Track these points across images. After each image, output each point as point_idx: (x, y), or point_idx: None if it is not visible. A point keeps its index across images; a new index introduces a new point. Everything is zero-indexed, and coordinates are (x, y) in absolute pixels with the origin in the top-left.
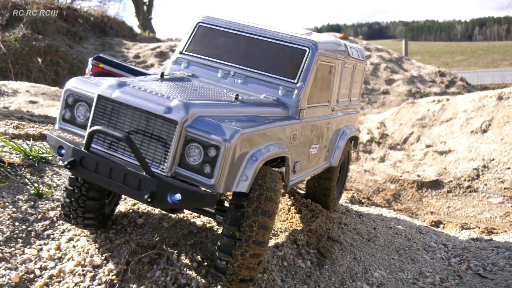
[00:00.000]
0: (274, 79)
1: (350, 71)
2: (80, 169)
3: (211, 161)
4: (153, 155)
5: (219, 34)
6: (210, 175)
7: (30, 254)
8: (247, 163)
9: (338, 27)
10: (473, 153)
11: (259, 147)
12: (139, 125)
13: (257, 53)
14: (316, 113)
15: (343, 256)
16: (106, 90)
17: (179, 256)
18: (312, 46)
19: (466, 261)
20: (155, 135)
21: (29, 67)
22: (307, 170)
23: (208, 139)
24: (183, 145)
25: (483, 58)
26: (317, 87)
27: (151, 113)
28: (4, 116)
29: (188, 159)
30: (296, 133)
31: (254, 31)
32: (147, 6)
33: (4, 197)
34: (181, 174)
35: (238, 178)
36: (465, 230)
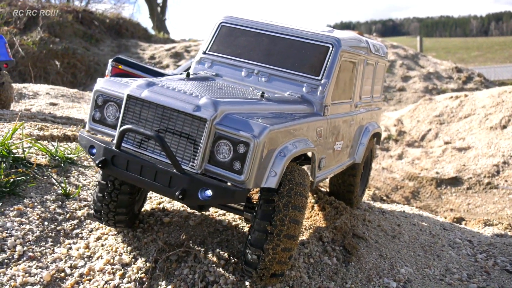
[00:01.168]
0: (298, 76)
1: (372, 68)
2: (111, 168)
3: (240, 158)
4: (182, 153)
5: (242, 33)
6: (240, 171)
7: (60, 253)
8: (276, 159)
9: (351, 25)
10: (493, 149)
11: (286, 143)
12: (169, 123)
13: (280, 51)
14: (339, 110)
15: (368, 253)
16: (135, 90)
17: (206, 254)
18: (336, 42)
19: (492, 257)
20: (184, 133)
21: (47, 70)
22: (332, 167)
23: (238, 135)
24: (213, 142)
25: (500, 53)
26: (340, 83)
27: (181, 112)
28: (28, 118)
29: (218, 156)
30: (321, 129)
31: (276, 29)
32: (161, 8)
33: (33, 197)
34: (211, 171)
35: (267, 174)
36: (488, 226)
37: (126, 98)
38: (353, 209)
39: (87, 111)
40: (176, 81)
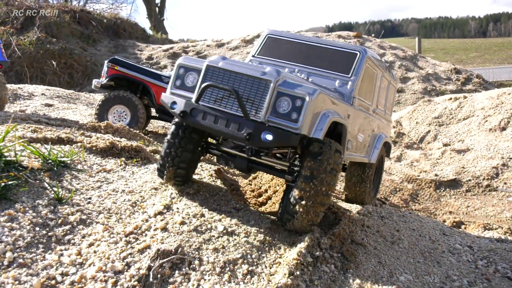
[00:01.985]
0: (332, 74)
1: (386, 85)
2: (190, 118)
3: (297, 109)
4: (250, 107)
5: (284, 42)
6: (296, 120)
7: (51, 260)
8: (322, 117)
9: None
10: (492, 151)
11: (329, 109)
12: (240, 86)
13: (316, 56)
14: (363, 106)
15: (367, 260)
16: (213, 61)
17: (201, 261)
18: (363, 51)
19: (493, 264)
20: (252, 92)
21: (43, 70)
22: (355, 153)
23: (296, 93)
24: (275, 98)
25: (498, 54)
26: (364, 85)
27: (250, 76)
28: (22, 119)
29: (279, 109)
30: (349, 114)
31: (313, 40)
32: (159, 8)
33: (24, 202)
34: (272, 121)
35: (315, 127)
36: (488, 230)
37: (206, 67)
38: (352, 215)
39: (82, 112)
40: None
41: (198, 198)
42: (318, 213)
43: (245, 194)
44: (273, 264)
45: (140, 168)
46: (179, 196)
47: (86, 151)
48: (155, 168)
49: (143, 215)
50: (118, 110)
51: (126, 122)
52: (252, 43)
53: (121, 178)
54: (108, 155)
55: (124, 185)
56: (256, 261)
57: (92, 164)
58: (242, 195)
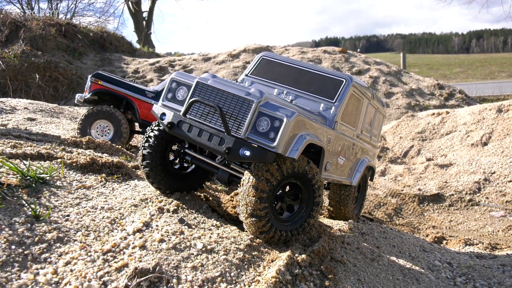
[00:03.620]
0: (317, 98)
1: (373, 112)
2: (176, 129)
3: (275, 130)
4: (232, 124)
5: (277, 65)
6: (273, 139)
7: (27, 279)
8: (299, 139)
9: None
10: (474, 166)
11: (307, 132)
12: (225, 103)
13: (305, 80)
14: (346, 131)
15: (346, 277)
16: (203, 78)
17: (179, 280)
18: (348, 78)
19: (472, 281)
20: (236, 110)
21: (28, 83)
22: (334, 175)
23: (275, 114)
24: (256, 118)
25: (481, 70)
26: (348, 111)
27: (235, 95)
28: (2, 134)
29: (259, 128)
30: (330, 138)
31: (303, 65)
32: (146, 21)
33: (1, 219)
34: (252, 138)
35: (291, 147)
36: (469, 246)
37: (196, 83)
38: (333, 231)
39: (65, 126)
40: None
41: (178, 215)
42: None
43: (226, 211)
44: (252, 282)
45: (121, 185)
46: (158, 213)
47: (66, 167)
48: (135, 184)
49: (121, 232)
50: (101, 125)
51: (109, 137)
52: (238, 58)
53: (100, 195)
54: (89, 171)
55: (104, 202)
56: (235, 279)
57: (71, 180)
58: (223, 212)
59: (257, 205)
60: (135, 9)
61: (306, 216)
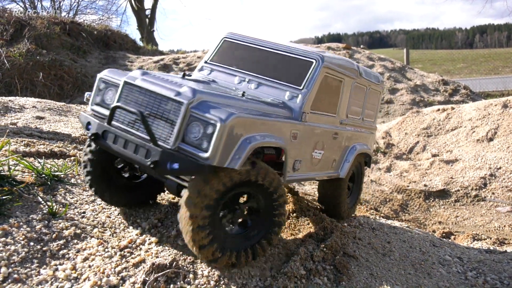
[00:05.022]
0: (282, 85)
1: (362, 91)
2: (101, 141)
3: (208, 137)
4: (161, 132)
5: (240, 47)
6: (206, 149)
7: (46, 275)
8: (241, 144)
9: (339, 37)
10: (480, 161)
11: (255, 134)
12: (153, 107)
13: (270, 64)
14: (320, 120)
15: (359, 272)
16: (131, 77)
17: (195, 275)
18: (319, 58)
19: (482, 275)
20: (165, 115)
21: (33, 82)
22: (310, 172)
23: (207, 118)
24: (187, 124)
25: (485, 65)
26: (323, 96)
27: (164, 96)
28: (14, 133)
29: (190, 135)
30: (297, 132)
31: (269, 45)
32: (149, 19)
33: (18, 217)
34: (183, 148)
35: (232, 156)
36: (477, 241)
37: (123, 83)
38: (344, 227)
39: (74, 124)
40: (169, 75)
41: None
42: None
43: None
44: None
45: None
46: (172, 210)
47: (79, 164)
48: None
49: (137, 229)
50: None
51: None
52: None
53: None
54: None
55: None
56: (251, 275)
57: None
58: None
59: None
60: (138, 7)
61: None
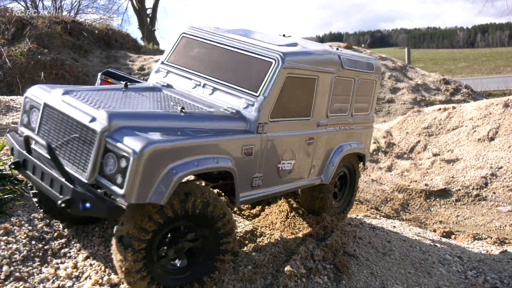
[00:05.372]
0: (238, 91)
1: (348, 84)
2: (22, 170)
3: (122, 171)
4: (79, 163)
5: (198, 45)
6: (121, 185)
7: (48, 273)
8: (165, 176)
9: (340, 36)
10: (481, 161)
11: (186, 160)
12: (70, 133)
13: (228, 65)
14: (287, 127)
15: (359, 271)
16: (51, 97)
17: None
18: (279, 58)
19: (482, 274)
20: (81, 143)
21: (35, 81)
22: (278, 186)
23: (120, 149)
24: (102, 154)
25: (486, 64)
26: (289, 100)
27: (79, 122)
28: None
29: (106, 168)
30: (252, 147)
31: (227, 42)
32: (150, 18)
33: (20, 216)
34: (100, 182)
35: (153, 190)
36: (477, 240)
37: (43, 105)
38: (344, 226)
39: None
40: (97, 91)
41: None
42: None
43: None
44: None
45: None
46: None
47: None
48: None
49: None
50: None
51: None
52: None
53: None
54: None
55: None
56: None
57: None
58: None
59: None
60: (139, 6)
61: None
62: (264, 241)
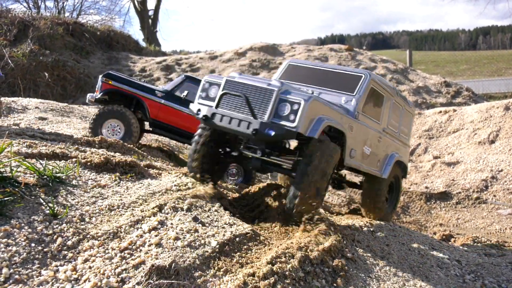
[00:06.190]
0: (338, 93)
1: (398, 109)
2: (210, 121)
3: (295, 112)
4: (257, 112)
5: (302, 69)
6: (293, 120)
7: (47, 276)
8: (317, 120)
9: (342, 38)
10: (481, 164)
11: (325, 115)
12: (250, 95)
13: (328, 79)
14: (369, 122)
15: (357, 275)
16: (231, 76)
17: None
18: (367, 74)
19: (480, 278)
20: (259, 99)
21: (36, 82)
22: (361, 164)
23: (294, 99)
24: (277, 104)
25: (488, 67)
26: (369, 104)
27: (259, 87)
28: (17, 134)
29: (280, 112)
30: (352, 126)
31: (326, 66)
32: (152, 20)
33: (20, 218)
34: (275, 122)
35: (311, 128)
36: (477, 244)
37: (225, 80)
38: (343, 229)
39: (76, 125)
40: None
41: (191, 213)
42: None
43: (238, 209)
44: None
45: (134, 184)
46: (173, 212)
47: (81, 166)
48: (149, 183)
49: (137, 230)
50: (112, 124)
51: (120, 136)
52: (244, 56)
53: (115, 194)
54: (103, 170)
55: (119, 200)
56: None
57: (87, 179)
58: (234, 210)
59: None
60: (141, 8)
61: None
62: (262, 244)
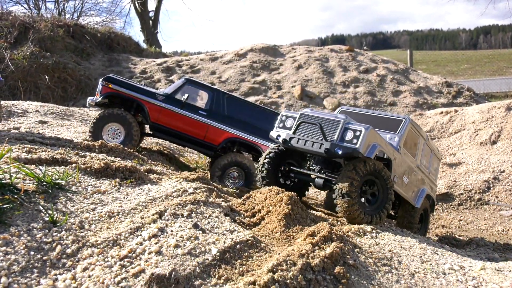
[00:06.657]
0: (384, 132)
1: (429, 152)
2: (288, 143)
3: (357, 137)
4: (327, 135)
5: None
6: (356, 143)
7: (46, 285)
8: (373, 146)
9: (343, 38)
10: (483, 165)
11: (378, 143)
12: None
13: (375, 122)
14: (407, 157)
15: (359, 282)
16: (305, 111)
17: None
18: (407, 118)
19: (483, 284)
20: (328, 128)
21: (37, 84)
22: (401, 190)
23: (356, 127)
24: (343, 131)
25: (489, 66)
26: (408, 142)
27: (329, 119)
28: (16, 139)
29: (345, 137)
30: (396, 157)
31: (373, 112)
32: (152, 21)
33: (19, 225)
34: (340, 144)
35: (368, 151)
36: (480, 247)
37: (300, 114)
38: (345, 236)
39: (77, 129)
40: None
41: (192, 220)
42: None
43: (239, 215)
44: None
45: (134, 189)
46: (173, 218)
47: (81, 172)
48: (149, 189)
49: (137, 238)
50: (112, 128)
51: (120, 139)
52: (245, 57)
53: (115, 200)
54: (103, 175)
55: (119, 207)
56: None
57: (86, 185)
58: (235, 216)
59: (350, 188)
60: (141, 9)
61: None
62: (263, 251)
